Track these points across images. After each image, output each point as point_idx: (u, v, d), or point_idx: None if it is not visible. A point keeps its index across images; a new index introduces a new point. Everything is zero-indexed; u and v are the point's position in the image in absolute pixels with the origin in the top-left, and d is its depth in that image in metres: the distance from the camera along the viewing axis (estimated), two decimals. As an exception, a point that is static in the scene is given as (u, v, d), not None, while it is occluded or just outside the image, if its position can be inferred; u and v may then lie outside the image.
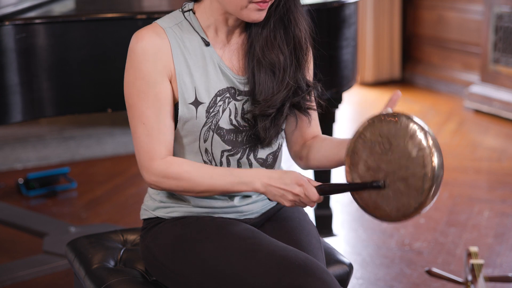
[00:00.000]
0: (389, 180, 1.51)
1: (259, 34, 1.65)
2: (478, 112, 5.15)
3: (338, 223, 3.31)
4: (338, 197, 3.54)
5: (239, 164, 1.69)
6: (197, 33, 1.65)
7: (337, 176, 3.36)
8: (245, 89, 1.67)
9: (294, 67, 1.67)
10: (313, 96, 1.74)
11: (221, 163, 1.67)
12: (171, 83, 1.62)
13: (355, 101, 5.64)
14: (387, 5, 6.00)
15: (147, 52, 1.60)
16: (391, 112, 1.52)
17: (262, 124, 1.66)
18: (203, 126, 1.64)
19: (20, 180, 3.74)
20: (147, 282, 1.73)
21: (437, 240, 3.13)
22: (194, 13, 1.67)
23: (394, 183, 1.50)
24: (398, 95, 1.62)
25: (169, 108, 1.62)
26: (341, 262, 1.79)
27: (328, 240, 3.06)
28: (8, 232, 3.24)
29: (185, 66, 1.63)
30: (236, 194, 1.70)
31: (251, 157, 1.70)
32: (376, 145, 1.52)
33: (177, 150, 1.68)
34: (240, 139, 1.68)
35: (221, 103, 1.65)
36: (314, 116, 1.78)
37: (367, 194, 1.54)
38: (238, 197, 1.71)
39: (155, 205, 1.73)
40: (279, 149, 1.75)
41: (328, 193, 1.58)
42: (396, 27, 6.06)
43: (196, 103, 1.63)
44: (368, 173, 1.53)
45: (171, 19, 1.66)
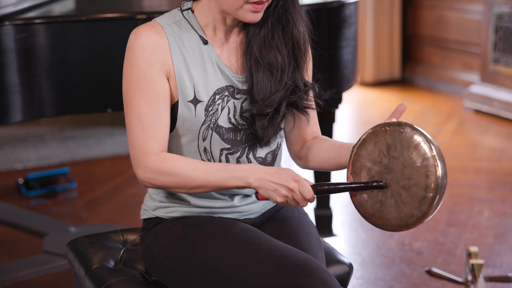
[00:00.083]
0: (392, 188, 1.50)
1: (256, 34, 1.65)
2: (478, 112, 5.14)
3: (338, 223, 3.31)
4: (338, 197, 3.54)
5: (238, 162, 1.68)
6: (196, 31, 1.65)
7: (337, 176, 3.36)
8: (244, 87, 1.67)
9: (292, 67, 1.67)
10: (311, 96, 1.74)
11: (220, 162, 1.67)
12: (168, 80, 1.62)
13: (355, 101, 5.64)
14: (387, 5, 5.99)
15: (145, 48, 1.60)
16: (396, 121, 1.52)
17: (260, 123, 1.65)
18: (202, 125, 1.64)
19: (20, 180, 3.74)
20: (147, 282, 1.73)
21: (437, 240, 3.13)
22: (192, 12, 1.67)
23: (396, 192, 1.50)
24: (404, 106, 1.62)
25: (165, 104, 1.61)
26: (341, 262, 1.79)
27: (328, 240, 3.06)
28: (8, 232, 3.24)
29: (184, 64, 1.63)
30: (236, 194, 1.70)
31: (250, 156, 1.69)
32: (380, 153, 1.52)
33: (175, 150, 1.67)
34: (239, 138, 1.68)
35: (220, 101, 1.65)
36: (313, 116, 1.78)
37: (369, 202, 1.54)
38: (238, 197, 1.71)
39: (155, 205, 1.73)
40: (278, 148, 1.75)
41: (325, 193, 1.55)
42: (396, 27, 6.06)
43: (195, 101, 1.63)
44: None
45: (170, 18, 1.66)
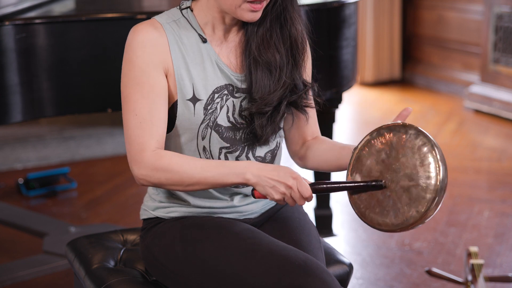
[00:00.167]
0: (391, 189, 1.50)
1: (255, 33, 1.65)
2: (478, 112, 5.15)
3: (338, 223, 3.31)
4: (338, 197, 3.54)
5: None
6: (195, 30, 1.65)
7: (337, 175, 3.36)
8: (243, 86, 1.67)
9: (290, 65, 1.67)
10: (310, 95, 1.74)
11: (219, 160, 1.67)
12: (167, 78, 1.62)
13: (355, 101, 5.64)
14: (387, 5, 6.00)
15: (144, 45, 1.60)
16: (401, 123, 1.52)
17: (259, 121, 1.65)
18: (201, 123, 1.64)
19: (20, 180, 3.74)
20: (147, 282, 1.73)
21: (437, 240, 3.13)
22: (191, 10, 1.67)
23: (395, 192, 1.50)
24: (409, 111, 1.62)
25: (163, 101, 1.61)
26: (341, 262, 1.79)
27: (328, 240, 3.06)
28: (8, 232, 3.24)
29: (183, 62, 1.62)
30: (236, 193, 1.70)
31: (249, 155, 1.69)
32: (383, 153, 1.52)
33: (175, 150, 1.67)
34: (238, 137, 1.68)
35: (218, 100, 1.65)
36: (313, 116, 1.78)
37: (366, 202, 1.54)
38: (238, 197, 1.71)
39: (155, 205, 1.73)
40: (278, 147, 1.75)
41: (323, 191, 1.54)
42: (396, 27, 6.06)
43: (194, 99, 1.63)
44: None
45: (169, 16, 1.66)
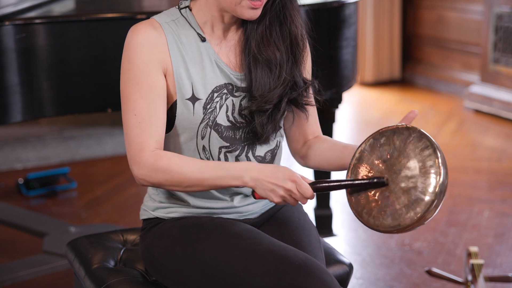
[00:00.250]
0: (390, 189, 1.50)
1: (254, 31, 1.65)
2: (478, 112, 5.14)
3: (338, 223, 3.31)
4: (338, 197, 3.54)
5: (237, 161, 1.68)
6: (193, 29, 1.65)
7: (337, 174, 3.36)
8: (243, 85, 1.67)
9: (290, 63, 1.67)
10: (310, 93, 1.74)
11: (219, 160, 1.66)
12: (166, 78, 1.62)
13: (355, 101, 5.64)
14: (387, 5, 5.99)
15: (143, 44, 1.60)
16: (405, 125, 1.52)
17: (259, 120, 1.65)
18: (200, 123, 1.64)
19: (20, 180, 3.74)
20: (147, 282, 1.73)
21: (437, 240, 3.13)
22: (190, 10, 1.67)
23: (394, 193, 1.49)
24: (415, 113, 1.62)
25: (161, 101, 1.61)
26: (341, 262, 1.79)
27: (328, 240, 3.06)
28: (8, 232, 3.24)
29: (182, 62, 1.62)
30: (236, 194, 1.70)
31: (249, 155, 1.69)
32: (384, 154, 1.52)
33: (174, 149, 1.67)
34: (238, 136, 1.67)
35: (218, 99, 1.64)
36: (313, 114, 1.78)
37: (365, 202, 1.53)
38: (239, 198, 1.71)
39: (155, 205, 1.73)
40: (278, 147, 1.75)
41: (324, 190, 1.54)
42: (396, 27, 6.06)
43: (193, 99, 1.63)
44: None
45: (168, 15, 1.66)
